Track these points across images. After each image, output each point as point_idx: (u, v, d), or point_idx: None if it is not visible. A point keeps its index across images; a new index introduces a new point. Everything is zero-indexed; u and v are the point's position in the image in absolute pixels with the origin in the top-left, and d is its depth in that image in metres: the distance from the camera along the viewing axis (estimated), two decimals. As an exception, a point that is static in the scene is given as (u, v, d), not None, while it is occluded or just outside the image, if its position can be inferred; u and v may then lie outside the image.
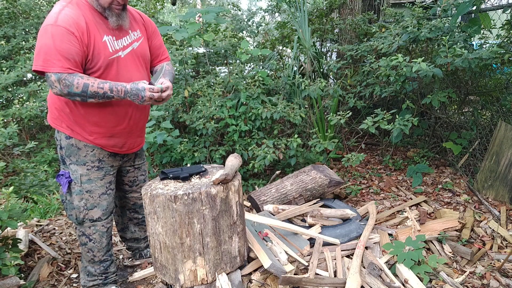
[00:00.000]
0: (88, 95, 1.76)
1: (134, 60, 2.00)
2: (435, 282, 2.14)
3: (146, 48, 2.10)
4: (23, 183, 2.98)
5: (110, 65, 1.88)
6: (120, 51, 1.92)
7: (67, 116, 1.95)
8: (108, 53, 1.86)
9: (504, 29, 3.55)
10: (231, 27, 5.44)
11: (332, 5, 5.33)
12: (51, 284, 2.31)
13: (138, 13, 2.14)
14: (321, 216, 2.69)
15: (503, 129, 3.16)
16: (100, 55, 1.83)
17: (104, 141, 2.00)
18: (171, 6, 14.07)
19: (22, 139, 4.49)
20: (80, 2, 1.83)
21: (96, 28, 1.82)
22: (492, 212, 2.93)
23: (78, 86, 1.72)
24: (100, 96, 1.78)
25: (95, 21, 1.84)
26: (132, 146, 2.16)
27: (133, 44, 1.99)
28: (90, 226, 2.07)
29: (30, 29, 5.03)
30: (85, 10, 1.82)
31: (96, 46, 1.81)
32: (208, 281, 1.99)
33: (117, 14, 1.89)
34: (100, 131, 1.97)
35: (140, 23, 2.10)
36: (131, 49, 1.98)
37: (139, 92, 1.81)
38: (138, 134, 2.17)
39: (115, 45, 1.89)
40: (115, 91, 1.79)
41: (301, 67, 4.68)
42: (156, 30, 2.21)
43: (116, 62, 1.90)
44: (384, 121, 3.15)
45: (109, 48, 1.86)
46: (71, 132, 1.97)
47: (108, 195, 2.08)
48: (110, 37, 1.87)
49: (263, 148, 3.33)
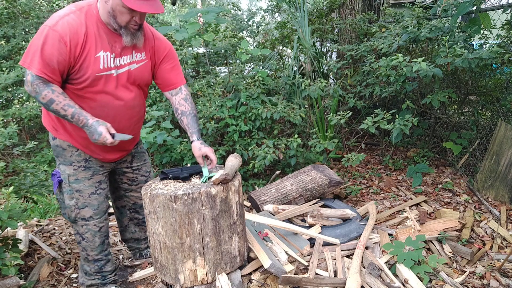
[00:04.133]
0: (50, 110, 1.76)
1: (125, 82, 1.93)
2: (435, 282, 2.14)
3: (145, 72, 2.01)
4: (23, 183, 2.98)
5: (97, 80, 1.83)
6: (114, 70, 1.86)
7: (51, 116, 1.96)
8: (98, 69, 1.81)
9: (504, 29, 3.55)
10: (231, 27, 5.44)
11: (332, 5, 5.33)
12: (51, 284, 2.31)
13: (152, 35, 2.04)
14: (321, 216, 2.69)
15: (503, 129, 3.16)
16: (88, 69, 1.79)
17: (82, 148, 1.97)
18: (171, 6, 14.07)
19: (22, 139, 4.49)
20: (90, 12, 1.80)
21: (94, 42, 1.79)
22: (492, 212, 2.92)
23: (45, 98, 1.72)
24: (61, 116, 1.77)
25: (98, 34, 1.80)
26: (113, 159, 2.09)
27: (131, 65, 1.93)
28: (83, 225, 2.06)
29: (30, 29, 5.03)
30: (91, 21, 1.79)
31: (87, 59, 1.78)
32: (208, 281, 1.99)
33: (132, 34, 1.85)
34: (81, 134, 1.91)
35: (148, 46, 2.01)
36: (126, 69, 1.91)
37: (95, 132, 1.76)
38: (119, 149, 2.07)
39: (110, 62, 1.84)
40: (75, 119, 1.76)
41: (301, 67, 4.67)
42: (171, 53, 2.10)
43: (105, 79, 1.85)
44: (384, 121, 3.15)
45: (100, 65, 1.82)
46: (55, 133, 1.97)
47: (98, 194, 2.06)
48: (107, 54, 1.83)
49: (263, 148, 3.33)
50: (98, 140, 1.77)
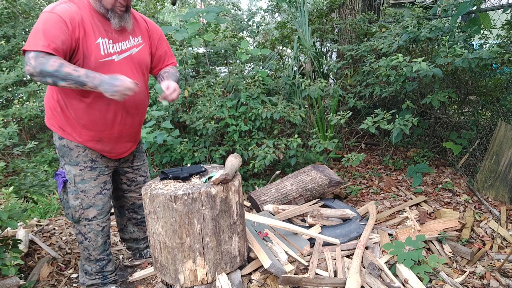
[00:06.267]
0: (61, 76, 1.63)
1: (130, 66, 1.96)
2: (435, 282, 2.14)
3: (145, 55, 2.06)
4: (23, 183, 2.97)
5: (101, 67, 1.82)
6: (115, 55, 1.88)
7: (59, 116, 1.95)
8: (99, 55, 1.82)
9: (504, 29, 3.55)
10: (231, 27, 5.44)
11: (332, 5, 5.33)
12: (51, 284, 2.31)
13: (143, 19, 2.11)
14: (321, 216, 2.69)
15: (503, 129, 3.16)
16: (91, 56, 1.80)
17: (92, 144, 1.99)
18: (171, 6, 14.07)
19: (22, 139, 4.49)
20: (81, 2, 1.82)
21: (91, 29, 1.80)
22: (492, 212, 2.92)
23: (53, 65, 1.62)
24: (73, 79, 1.65)
25: (93, 22, 1.82)
26: (122, 151, 2.12)
27: (131, 50, 1.96)
28: (86, 224, 2.07)
29: (30, 29, 5.03)
30: (84, 9, 1.81)
31: (88, 46, 1.79)
32: (208, 281, 1.99)
33: (120, 16, 1.87)
34: (89, 133, 1.95)
35: (143, 29, 2.07)
36: (128, 54, 1.95)
37: (114, 80, 1.68)
38: (129, 139, 2.12)
39: (109, 48, 1.86)
40: (90, 77, 1.67)
41: (301, 67, 4.67)
42: (162, 36, 2.17)
43: (108, 66, 1.86)
44: (384, 121, 3.15)
45: (101, 51, 1.83)
46: (62, 133, 1.97)
47: (103, 195, 2.07)
48: (105, 40, 1.85)
49: (263, 148, 3.33)
50: (119, 86, 1.67)
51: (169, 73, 2.14)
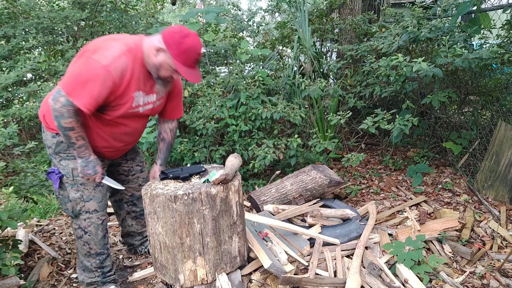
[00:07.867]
0: (64, 133, 1.83)
1: (148, 114, 2.10)
2: (435, 282, 2.14)
3: (162, 105, 2.18)
4: (23, 183, 2.97)
5: (126, 116, 1.97)
6: (141, 107, 1.99)
7: None
8: (130, 107, 1.93)
9: (504, 29, 3.55)
10: (231, 27, 5.44)
11: (332, 5, 5.33)
12: (51, 284, 2.31)
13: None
14: (321, 216, 2.69)
15: (503, 129, 3.16)
16: (122, 107, 1.90)
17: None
18: (171, 6, 14.07)
19: (22, 139, 4.48)
20: (137, 55, 1.87)
21: (135, 83, 1.88)
22: (492, 212, 2.93)
23: (67, 124, 1.78)
24: (68, 141, 1.86)
25: (139, 76, 1.89)
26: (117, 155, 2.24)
27: (155, 103, 2.07)
28: (86, 218, 2.09)
29: (30, 29, 5.02)
30: (136, 64, 1.87)
31: (123, 97, 1.87)
32: (208, 281, 1.99)
33: (165, 84, 2.03)
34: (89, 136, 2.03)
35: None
36: (151, 106, 2.06)
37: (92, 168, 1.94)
38: (124, 149, 2.23)
39: (139, 101, 1.95)
40: (80, 150, 1.89)
41: (301, 67, 4.67)
42: (180, 91, 2.27)
43: (132, 115, 2.00)
44: (384, 121, 3.15)
45: (133, 103, 1.92)
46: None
47: (102, 186, 2.11)
48: (140, 92, 1.93)
49: (263, 148, 3.33)
50: (90, 175, 1.96)
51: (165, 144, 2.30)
